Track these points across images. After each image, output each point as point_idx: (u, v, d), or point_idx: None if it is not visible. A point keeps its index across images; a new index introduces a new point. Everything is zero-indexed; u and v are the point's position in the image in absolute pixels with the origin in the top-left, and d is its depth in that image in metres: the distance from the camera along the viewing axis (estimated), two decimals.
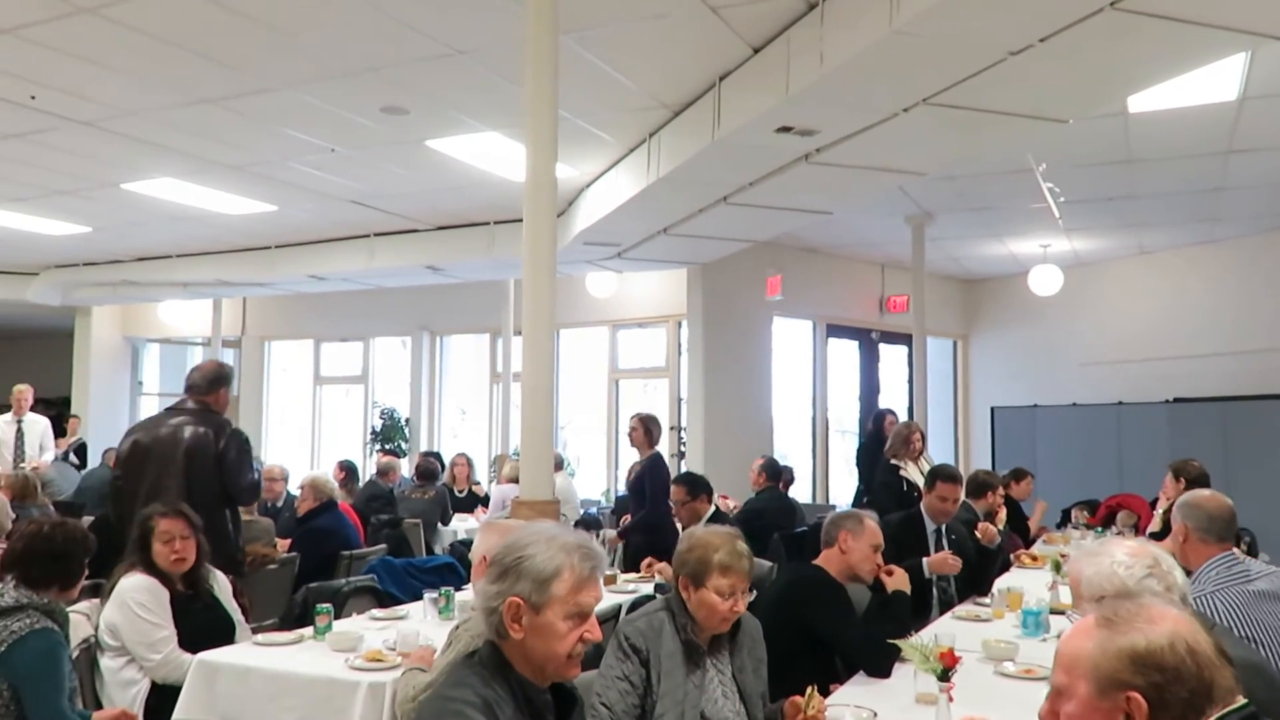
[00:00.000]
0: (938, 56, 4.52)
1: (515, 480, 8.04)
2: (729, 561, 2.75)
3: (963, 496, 5.32)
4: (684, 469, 10.44)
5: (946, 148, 6.04)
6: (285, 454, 12.66)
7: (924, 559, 4.54)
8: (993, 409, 11.63)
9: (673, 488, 5.61)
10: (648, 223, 7.98)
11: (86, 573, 3.11)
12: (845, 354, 11.57)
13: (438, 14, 4.89)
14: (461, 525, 8.30)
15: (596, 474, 11.49)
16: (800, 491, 9.69)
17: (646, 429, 6.17)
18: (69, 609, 3.20)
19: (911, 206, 8.85)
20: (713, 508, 5.58)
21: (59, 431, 11.40)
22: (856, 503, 7.62)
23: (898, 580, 3.68)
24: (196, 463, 4.56)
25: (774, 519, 7.09)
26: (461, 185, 8.08)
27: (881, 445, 7.06)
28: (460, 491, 9.16)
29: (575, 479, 10.20)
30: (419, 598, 4.74)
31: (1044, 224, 9.05)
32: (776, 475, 7.72)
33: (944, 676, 2.73)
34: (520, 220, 8.85)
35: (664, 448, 10.82)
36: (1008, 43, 4.36)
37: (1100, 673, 1.42)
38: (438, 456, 9.48)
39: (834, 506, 9.37)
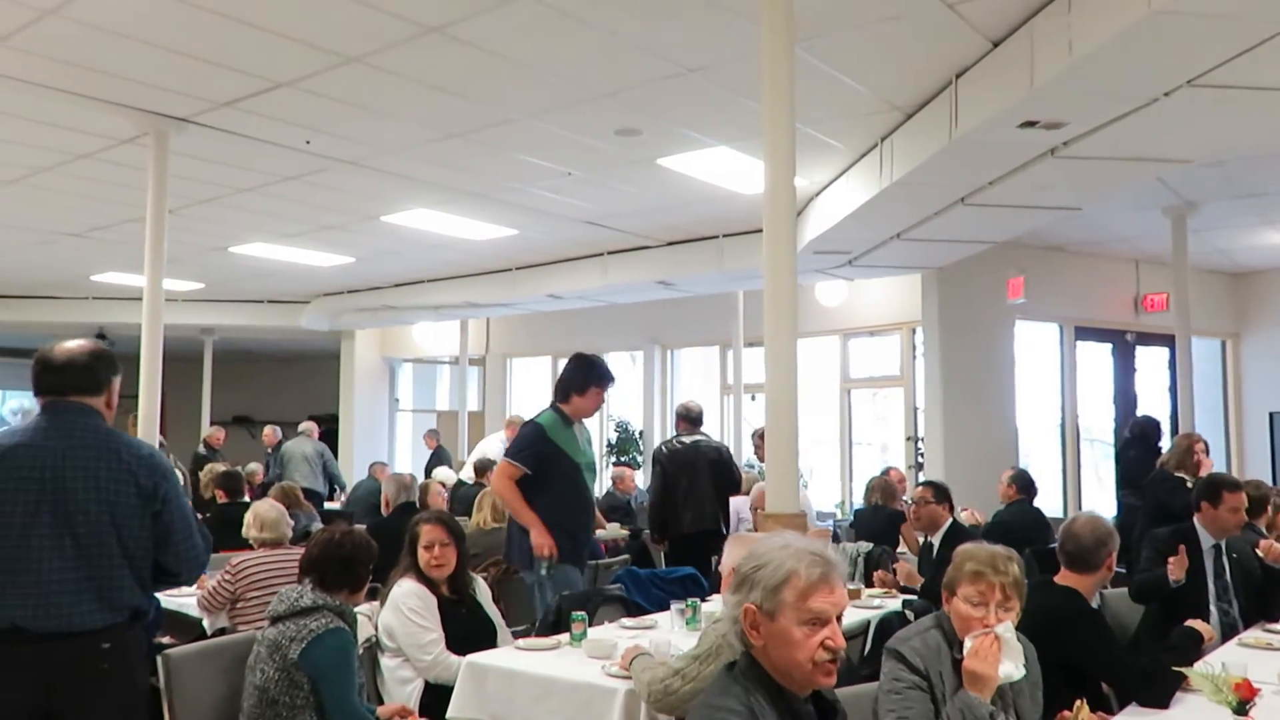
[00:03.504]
0: (1205, 34, 4.17)
1: (748, 494, 8.12)
2: (979, 569, 2.64)
3: None
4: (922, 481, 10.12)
5: (1214, 132, 5.55)
6: None
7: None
8: (1271, 414, 10.57)
9: (919, 489, 5.51)
10: (880, 228, 7.81)
11: (371, 577, 3.38)
12: (1096, 358, 10.84)
13: (671, 35, 5.00)
14: None
15: (831, 486, 11.33)
16: (1048, 504, 9.15)
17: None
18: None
19: (1171, 197, 8.19)
20: (951, 519, 5.42)
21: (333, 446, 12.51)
22: (1120, 518, 7.10)
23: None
24: None
25: (1024, 534, 6.72)
26: (691, 201, 8.21)
27: (1151, 456, 6.55)
28: None
29: (809, 490, 10.09)
30: (663, 607, 4.85)
31: None
32: (1028, 488, 7.32)
33: (1240, 710, 2.51)
34: (751, 232, 9.09)
35: (899, 459, 10.58)
36: None
37: None
38: None
39: None
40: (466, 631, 3.95)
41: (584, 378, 5.05)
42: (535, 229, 9.25)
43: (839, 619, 1.98)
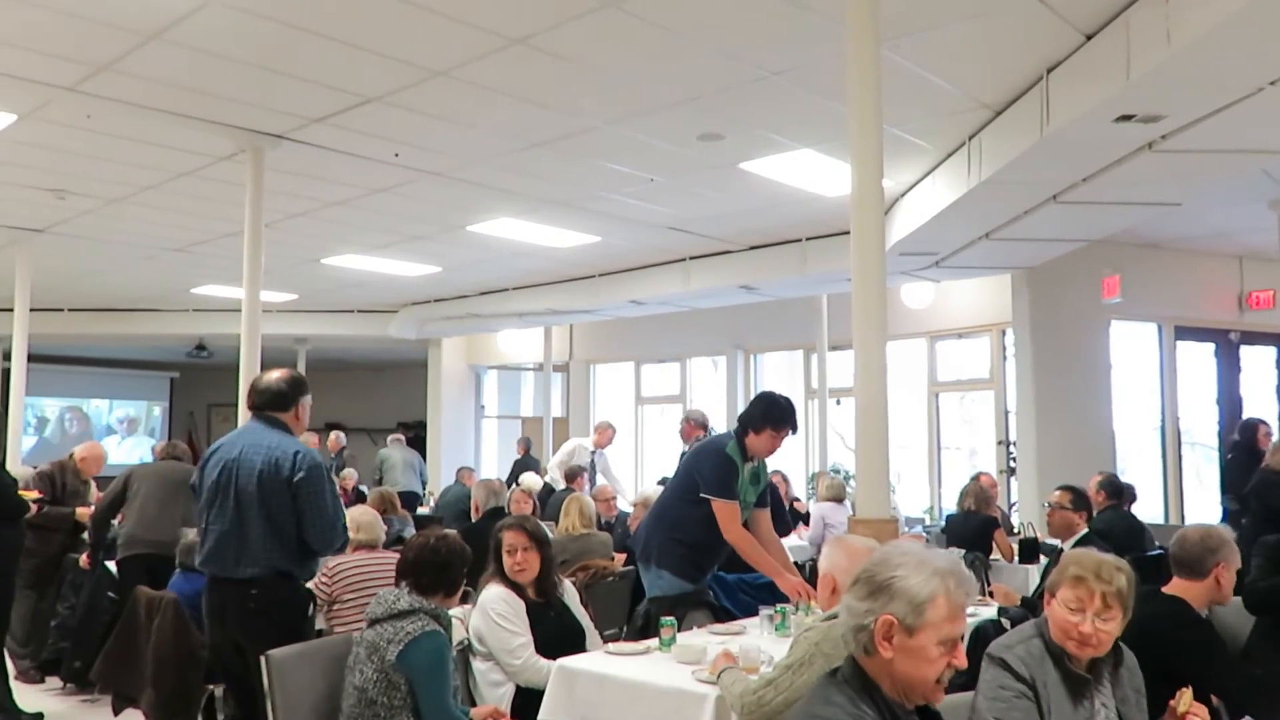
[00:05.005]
0: None
1: (834, 498, 8.04)
2: (1082, 574, 2.56)
3: None
4: (1014, 486, 9.89)
5: None
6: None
7: None
8: None
9: (1058, 493, 5.33)
10: (968, 229, 7.67)
11: (465, 581, 3.43)
12: (1198, 358, 10.46)
13: (754, 39, 4.99)
14: (783, 543, 8.29)
15: (919, 491, 11.14)
16: (1148, 510, 8.85)
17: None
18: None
19: (1276, 189, 7.84)
20: (1086, 529, 5.23)
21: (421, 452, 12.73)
22: (1226, 522, 6.84)
23: None
24: None
25: (1120, 541, 6.50)
26: (774, 204, 8.17)
27: (1254, 459, 6.30)
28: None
29: (896, 495, 9.93)
30: (750, 612, 4.81)
31: None
32: (1119, 493, 7.08)
33: None
34: (834, 235, 9.00)
35: (988, 463, 10.35)
36: None
37: None
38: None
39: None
40: (555, 635, 3.98)
41: (760, 417, 4.76)
42: (617, 235, 9.30)
43: None
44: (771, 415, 4.73)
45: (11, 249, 9.46)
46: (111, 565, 5.94)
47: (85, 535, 6.20)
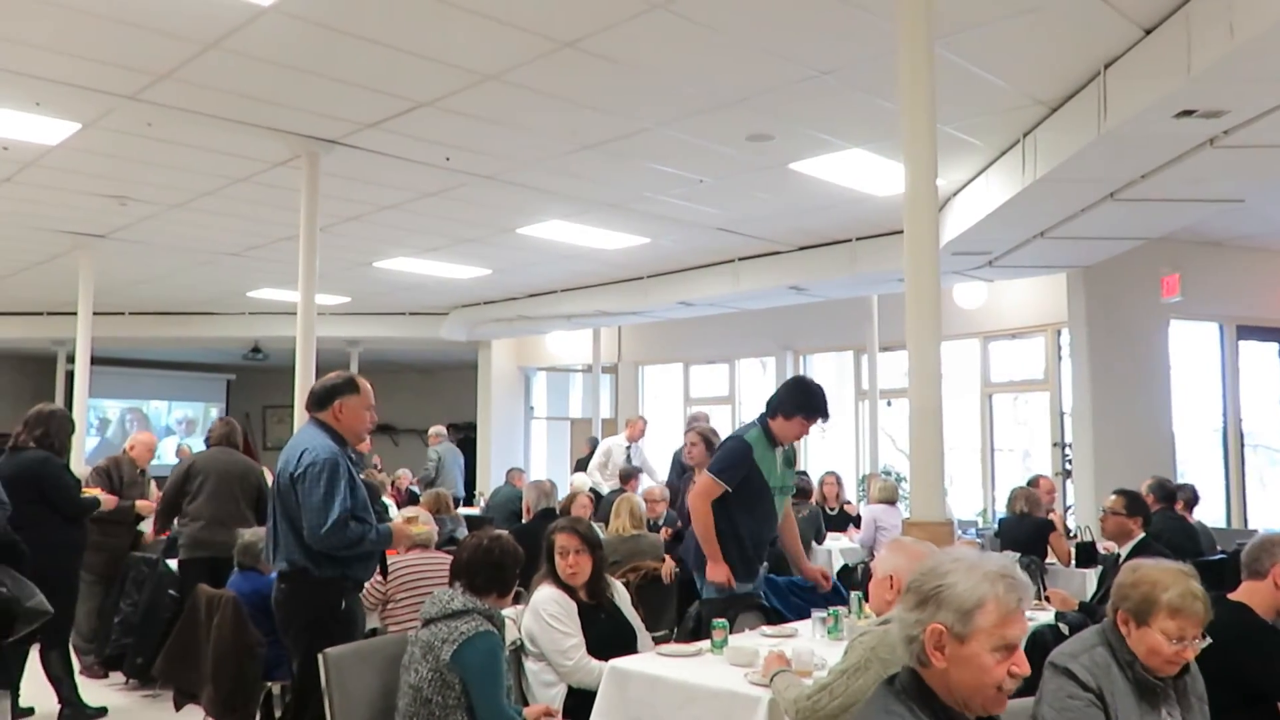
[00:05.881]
0: None
1: (885, 500, 7.96)
2: (1180, 604, 2.50)
3: None
4: (1070, 489, 9.72)
5: None
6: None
7: None
8: None
9: (1113, 497, 5.23)
10: (1022, 228, 7.55)
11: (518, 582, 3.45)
12: (1262, 358, 10.19)
13: (803, 39, 4.96)
14: (835, 544, 8.26)
15: (972, 494, 10.99)
16: (1210, 514, 8.65)
17: (708, 443, 5.67)
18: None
19: None
20: (1144, 534, 5.12)
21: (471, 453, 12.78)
22: None
23: None
24: None
25: (1176, 544, 6.37)
26: (823, 204, 8.11)
27: None
28: (831, 509, 9.13)
29: (949, 499, 9.81)
30: (801, 615, 4.78)
31: None
32: (1169, 496, 6.93)
33: None
34: (885, 235, 8.92)
35: (1043, 465, 10.18)
36: None
37: None
38: (803, 475, 9.52)
39: (1254, 531, 8.25)
40: (606, 636, 3.99)
41: (792, 404, 4.73)
42: (666, 237, 9.30)
43: None
44: (805, 402, 4.72)
45: (75, 254, 9.71)
46: (172, 563, 6.07)
47: (143, 526, 6.41)
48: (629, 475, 8.87)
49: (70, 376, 11.86)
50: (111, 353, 15.22)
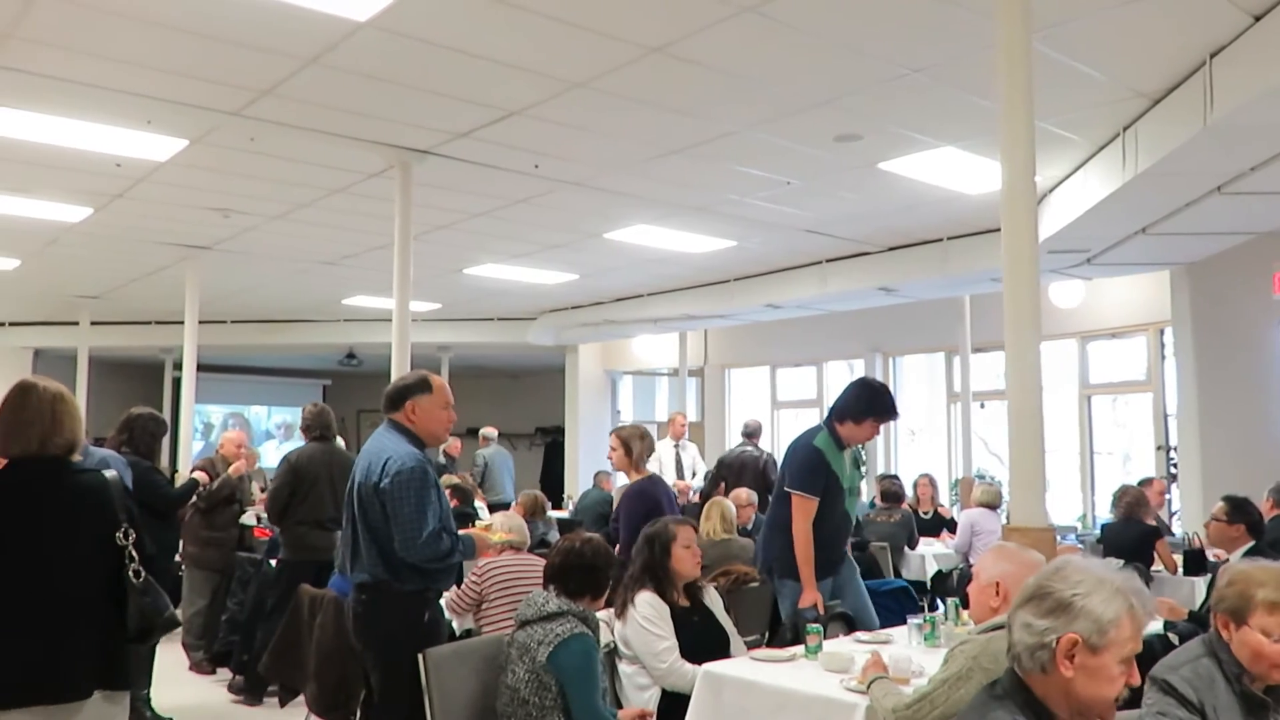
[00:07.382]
0: None
1: (986, 505, 7.80)
2: (1277, 598, 2.42)
3: None
4: (1176, 494, 9.38)
5: None
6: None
7: None
8: None
9: (1219, 504, 5.09)
10: (1123, 224, 7.32)
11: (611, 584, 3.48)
12: None
13: (893, 36, 4.90)
14: (928, 549, 8.12)
15: (1071, 497, 10.68)
16: None
17: (627, 448, 5.31)
18: None
19: None
20: (1254, 542, 4.94)
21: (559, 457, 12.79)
22: None
23: None
24: None
25: None
26: (913, 204, 7.98)
27: None
28: (925, 514, 8.99)
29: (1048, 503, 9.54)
30: (885, 621, 4.72)
31: None
32: None
33: None
34: (977, 234, 8.73)
35: (1149, 467, 9.84)
36: None
37: None
38: (896, 479, 9.38)
39: None
40: (700, 640, 4.00)
41: (862, 408, 4.72)
42: (753, 239, 9.27)
43: None
44: (875, 404, 4.74)
45: (182, 265, 10.11)
46: (274, 562, 6.26)
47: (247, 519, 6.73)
48: (717, 481, 8.81)
49: (177, 383, 12.31)
50: (214, 359, 15.77)
